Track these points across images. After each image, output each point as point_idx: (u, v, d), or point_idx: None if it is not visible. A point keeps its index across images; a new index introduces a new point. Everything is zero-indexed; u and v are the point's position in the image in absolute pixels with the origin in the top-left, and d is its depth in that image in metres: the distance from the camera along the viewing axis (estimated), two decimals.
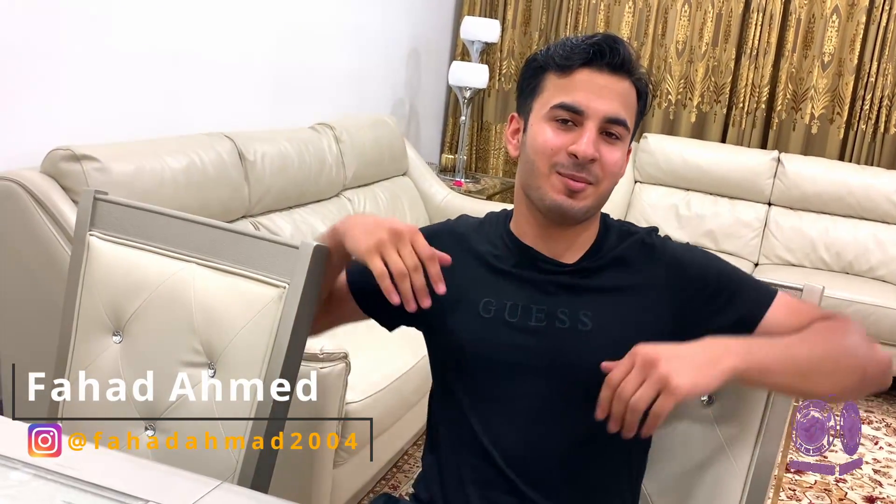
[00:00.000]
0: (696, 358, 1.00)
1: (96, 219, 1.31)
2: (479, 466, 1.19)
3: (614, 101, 1.14)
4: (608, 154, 1.14)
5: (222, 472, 1.19)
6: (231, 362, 1.21)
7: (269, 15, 3.02)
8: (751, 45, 4.18)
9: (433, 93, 4.65)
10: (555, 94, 1.15)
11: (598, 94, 1.13)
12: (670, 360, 0.99)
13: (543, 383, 1.17)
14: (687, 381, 0.97)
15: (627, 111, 1.15)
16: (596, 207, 1.17)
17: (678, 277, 1.19)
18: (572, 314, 1.17)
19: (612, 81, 1.14)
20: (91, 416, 1.28)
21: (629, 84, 1.16)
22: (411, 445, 2.65)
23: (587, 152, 1.12)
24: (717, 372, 1.00)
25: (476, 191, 4.11)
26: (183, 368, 1.23)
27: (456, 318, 1.20)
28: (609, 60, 1.13)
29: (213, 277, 1.23)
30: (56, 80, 2.19)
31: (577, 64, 1.14)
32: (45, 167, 2.03)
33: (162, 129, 2.52)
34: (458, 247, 1.23)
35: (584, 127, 1.13)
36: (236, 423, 1.19)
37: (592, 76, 1.14)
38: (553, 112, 1.15)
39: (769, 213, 3.97)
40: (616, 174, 1.16)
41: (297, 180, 2.79)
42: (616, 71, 1.14)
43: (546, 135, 1.15)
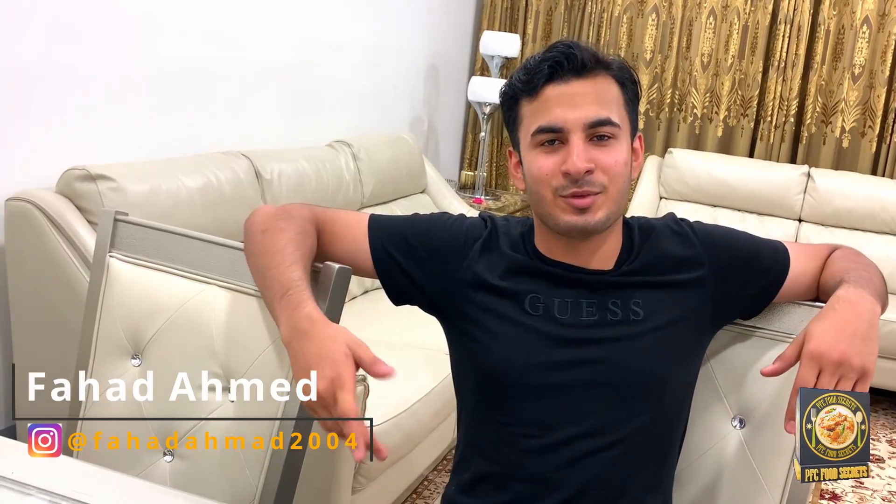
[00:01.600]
0: (860, 328, 1.06)
1: (116, 240, 1.33)
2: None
3: (590, 105, 1.15)
4: (605, 157, 1.15)
5: (242, 500, 1.20)
6: (251, 386, 1.21)
7: (286, 32, 3.05)
8: (778, 57, 4.18)
9: (452, 109, 4.67)
10: (532, 119, 1.17)
11: (571, 105, 1.15)
12: (852, 346, 1.04)
13: (600, 389, 1.18)
14: (873, 357, 1.05)
15: (609, 107, 1.16)
16: (616, 213, 1.18)
17: (715, 256, 1.23)
18: (624, 305, 1.19)
19: (581, 86, 1.15)
20: (110, 444, 1.30)
21: (603, 80, 1.17)
22: (431, 471, 2.65)
23: (578, 167, 1.13)
24: (877, 331, 1.07)
25: (496, 208, 4.12)
26: (202, 393, 1.24)
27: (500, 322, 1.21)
28: (570, 67, 1.15)
29: (234, 299, 1.24)
30: (71, 100, 2.23)
31: (541, 83, 1.16)
32: (60, 187, 2.06)
33: (177, 148, 2.55)
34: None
35: (569, 142, 1.15)
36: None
37: (560, 89, 1.15)
38: (536, 139, 1.17)
39: (799, 230, 3.95)
40: (621, 173, 1.17)
41: (314, 199, 2.82)
42: (582, 74, 1.16)
43: (537, 163, 1.17)
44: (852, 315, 1.08)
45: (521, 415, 1.19)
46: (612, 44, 4.47)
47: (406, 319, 1.52)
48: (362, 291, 3.02)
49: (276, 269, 1.10)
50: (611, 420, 1.17)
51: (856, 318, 1.07)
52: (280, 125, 3.12)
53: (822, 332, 1.06)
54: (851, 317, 1.07)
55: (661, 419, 1.20)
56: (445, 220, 1.28)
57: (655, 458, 1.21)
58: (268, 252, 1.13)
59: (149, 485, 1.14)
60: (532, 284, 1.21)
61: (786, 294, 1.24)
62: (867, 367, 1.04)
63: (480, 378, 1.23)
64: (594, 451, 1.17)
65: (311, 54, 3.22)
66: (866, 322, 1.07)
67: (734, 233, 1.29)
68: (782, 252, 1.25)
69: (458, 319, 1.24)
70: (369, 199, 3.23)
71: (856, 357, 1.04)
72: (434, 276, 1.24)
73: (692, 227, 1.27)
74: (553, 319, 1.19)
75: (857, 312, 1.08)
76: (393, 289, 1.27)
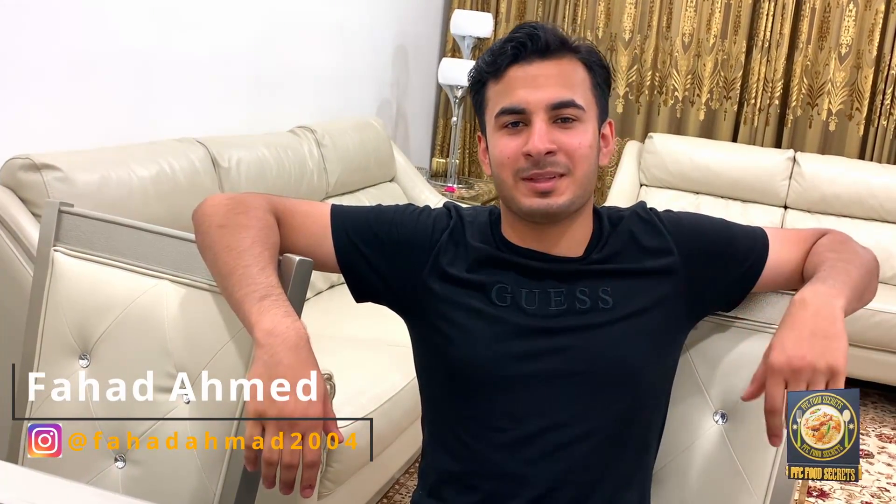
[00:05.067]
0: (820, 327, 1.08)
1: (61, 233, 1.31)
2: None
3: (554, 86, 1.17)
4: (568, 139, 1.17)
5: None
6: (208, 386, 1.21)
7: (245, 12, 3.03)
8: (762, 36, 4.21)
9: (422, 93, 4.67)
10: (497, 101, 1.20)
11: (533, 86, 1.17)
12: (813, 349, 1.06)
13: (569, 380, 1.19)
14: (840, 353, 1.06)
15: (574, 89, 1.19)
16: (581, 196, 1.20)
17: (684, 245, 1.24)
18: (592, 294, 1.21)
19: (545, 67, 1.18)
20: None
21: (568, 62, 1.20)
22: (402, 474, 2.65)
23: (538, 147, 1.15)
24: (841, 326, 1.08)
25: (469, 197, 4.13)
26: (156, 393, 1.23)
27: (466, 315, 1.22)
28: (534, 48, 1.17)
29: (188, 295, 1.24)
30: (13, 85, 2.19)
31: (505, 64, 1.19)
32: (2, 178, 2.03)
33: (129, 135, 2.52)
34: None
35: (532, 124, 1.17)
36: (214, 451, 1.20)
37: (524, 70, 1.18)
38: (499, 120, 1.20)
39: (785, 217, 3.99)
40: (586, 157, 1.19)
41: (275, 188, 2.80)
42: (546, 55, 1.18)
43: (500, 145, 1.19)
44: (809, 316, 1.09)
45: (489, 408, 1.20)
46: (588, 24, 4.48)
47: (374, 316, 1.51)
48: (328, 286, 3.01)
49: (247, 269, 1.10)
50: (581, 410, 1.18)
51: (814, 318, 1.09)
52: (239, 110, 3.10)
53: (781, 342, 1.08)
54: (808, 318, 1.09)
55: (636, 410, 1.22)
56: (412, 212, 1.29)
57: (631, 452, 1.23)
58: (232, 250, 1.12)
59: (99, 492, 1.13)
60: (499, 275, 1.22)
61: (766, 283, 1.26)
62: (834, 365, 1.05)
63: (447, 373, 1.24)
64: (566, 443, 1.18)
65: (271, 35, 3.20)
66: (826, 319, 1.08)
67: (706, 219, 1.30)
68: (760, 238, 1.26)
69: (425, 314, 1.24)
70: (335, 188, 3.21)
71: (819, 359, 1.05)
72: (400, 270, 1.25)
73: (659, 215, 1.28)
74: (521, 310, 1.20)
75: (814, 311, 1.09)
76: (356, 283, 1.27)
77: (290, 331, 1.04)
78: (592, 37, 4.40)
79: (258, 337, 1.04)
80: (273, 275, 1.11)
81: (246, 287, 1.08)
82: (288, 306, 1.07)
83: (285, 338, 1.03)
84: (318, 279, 2.94)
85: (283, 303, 1.07)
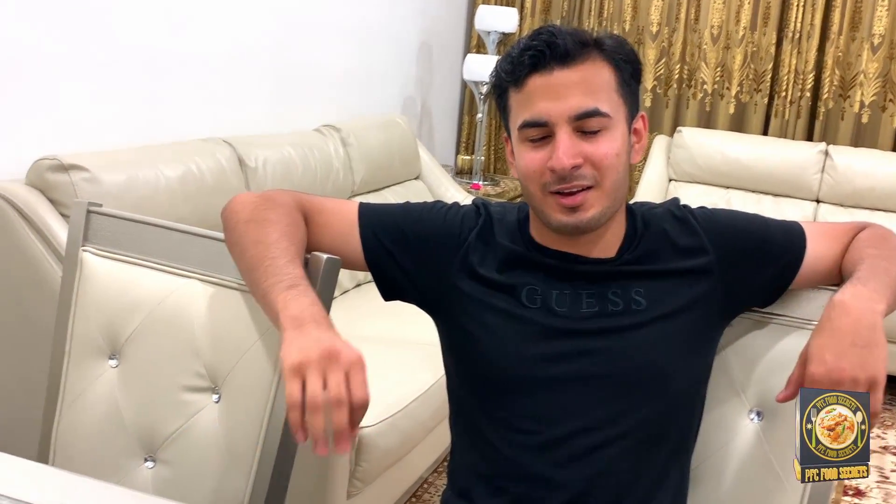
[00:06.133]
0: (860, 336, 1.05)
1: (89, 233, 1.32)
2: None
3: (576, 95, 1.13)
4: (594, 150, 1.14)
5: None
6: (238, 386, 1.21)
7: (270, 11, 3.04)
8: (793, 27, 4.16)
9: (447, 89, 4.66)
10: (518, 112, 1.17)
11: (555, 97, 1.13)
12: (853, 361, 1.04)
13: (601, 383, 1.17)
14: (881, 363, 1.04)
15: (598, 95, 1.14)
16: (611, 208, 1.17)
17: (720, 243, 1.22)
18: (624, 295, 1.19)
19: (567, 75, 1.13)
20: (86, 447, 1.30)
21: (591, 65, 1.15)
22: (431, 473, 2.65)
23: (564, 163, 1.12)
24: (881, 334, 1.06)
25: (495, 194, 4.11)
26: (185, 393, 1.23)
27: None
28: (553, 56, 1.13)
29: (217, 294, 1.24)
30: (41, 86, 2.21)
31: (524, 74, 1.15)
32: (30, 179, 2.05)
33: (156, 135, 2.53)
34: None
35: (556, 137, 1.13)
36: (244, 451, 1.20)
37: (545, 79, 1.14)
38: (522, 133, 1.16)
39: (817, 211, 3.94)
40: (614, 166, 1.15)
41: (301, 187, 2.80)
42: (567, 62, 1.13)
43: (525, 158, 1.17)
44: (849, 323, 1.06)
45: (519, 410, 1.19)
46: (615, 17, 4.45)
47: (401, 315, 1.51)
48: (354, 285, 3.01)
49: (274, 260, 1.09)
50: (613, 413, 1.17)
51: (854, 327, 1.06)
52: (264, 110, 3.11)
53: (821, 352, 1.06)
54: (849, 326, 1.06)
55: (669, 412, 1.20)
56: (440, 209, 1.27)
57: (664, 454, 1.21)
58: (259, 243, 1.12)
59: (130, 493, 1.13)
60: (528, 276, 1.20)
61: (804, 279, 1.23)
62: (875, 376, 1.04)
63: (475, 373, 1.23)
64: (597, 446, 1.16)
65: (296, 33, 3.20)
66: (866, 327, 1.06)
67: (741, 216, 1.27)
68: (798, 234, 1.23)
69: (453, 313, 1.23)
70: (360, 186, 3.21)
71: (859, 371, 1.04)
72: (428, 268, 1.24)
73: (693, 213, 1.25)
74: (551, 312, 1.18)
75: (854, 319, 1.06)
76: (384, 281, 1.26)
77: (318, 315, 1.01)
78: (619, 30, 4.37)
79: (285, 322, 1.01)
80: (300, 267, 1.09)
81: (273, 277, 1.07)
82: (315, 297, 1.05)
83: (313, 320, 1.00)
84: (344, 278, 2.94)
85: (310, 293, 1.05)
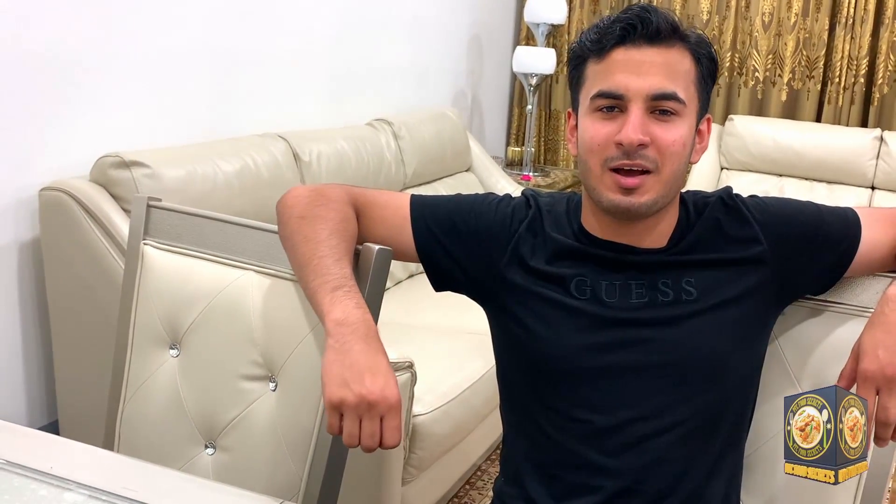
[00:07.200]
0: None
1: (150, 227, 1.34)
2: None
3: (657, 75, 1.11)
4: (663, 134, 1.11)
5: (287, 492, 1.21)
6: (293, 374, 1.22)
7: (323, 9, 3.05)
8: (846, 13, 4.06)
9: (496, 82, 4.64)
10: (594, 82, 1.14)
11: (637, 72, 1.11)
12: None
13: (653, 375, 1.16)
14: None
15: (678, 82, 1.12)
16: (665, 197, 1.15)
17: (773, 232, 1.19)
18: (675, 285, 1.17)
19: (652, 54, 1.11)
20: (149, 434, 1.32)
21: (677, 51, 1.13)
22: (484, 460, 2.65)
23: (632, 138, 1.09)
24: None
25: (546, 185, 4.09)
26: (243, 382, 1.25)
27: None
28: (643, 32, 1.11)
29: (272, 285, 1.25)
30: (103, 85, 2.25)
31: (610, 45, 1.12)
32: (94, 175, 2.09)
33: (213, 131, 2.57)
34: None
35: (628, 111, 1.11)
36: (300, 438, 1.21)
37: (629, 53, 1.12)
38: (594, 103, 1.14)
39: (873, 198, 3.85)
40: (678, 154, 1.13)
41: (354, 180, 2.82)
42: (655, 42, 1.12)
43: (592, 129, 1.14)
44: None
45: (569, 399, 1.18)
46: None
47: (453, 305, 1.51)
48: (407, 276, 3.02)
49: (322, 259, 1.10)
50: (667, 402, 1.16)
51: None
52: (318, 105, 3.13)
53: (874, 348, 1.05)
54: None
55: (721, 402, 1.18)
56: (491, 201, 1.27)
57: (717, 442, 1.19)
58: (309, 241, 1.13)
59: (191, 478, 1.15)
60: (578, 267, 1.19)
61: (860, 265, 1.20)
62: None
63: (526, 363, 1.22)
64: (649, 435, 1.15)
65: (348, 29, 3.22)
66: None
67: (794, 204, 1.24)
68: (853, 220, 1.20)
69: (504, 303, 1.23)
70: (412, 178, 3.22)
71: None
72: (479, 259, 1.23)
73: (745, 202, 1.22)
74: (601, 302, 1.17)
75: None
76: (435, 272, 1.26)
77: (360, 322, 1.03)
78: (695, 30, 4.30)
79: (329, 326, 1.03)
80: (347, 266, 1.10)
81: (320, 277, 1.08)
82: (359, 298, 1.06)
83: (355, 328, 1.02)
84: (396, 268, 2.95)
85: (354, 294, 1.06)
